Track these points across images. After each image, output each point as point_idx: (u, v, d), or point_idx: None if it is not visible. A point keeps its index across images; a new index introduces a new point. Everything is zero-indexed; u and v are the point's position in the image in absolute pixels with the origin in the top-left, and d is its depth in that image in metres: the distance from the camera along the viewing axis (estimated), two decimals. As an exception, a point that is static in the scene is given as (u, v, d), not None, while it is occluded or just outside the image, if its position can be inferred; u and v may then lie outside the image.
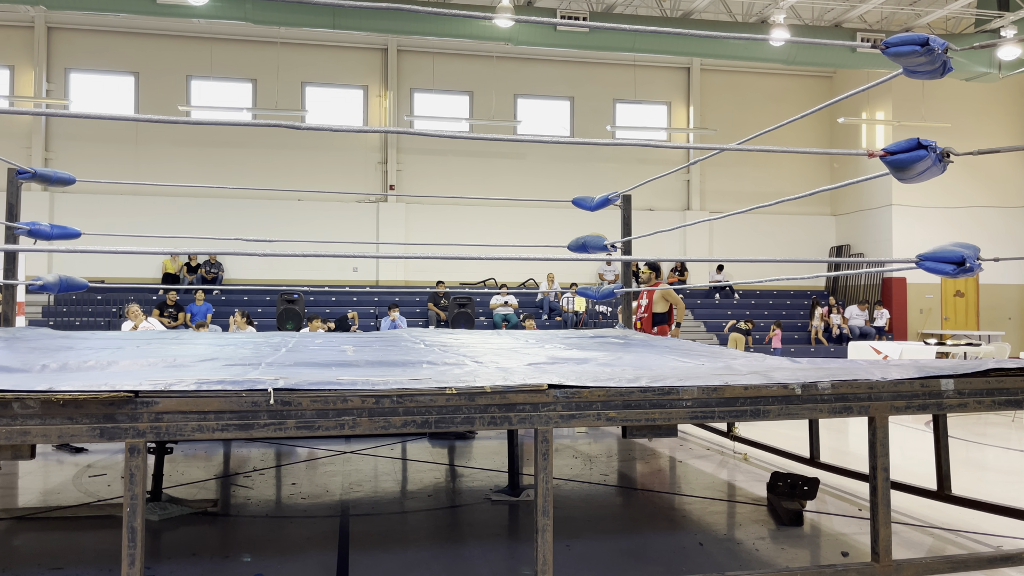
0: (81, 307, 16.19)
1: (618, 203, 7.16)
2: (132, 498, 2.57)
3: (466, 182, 19.56)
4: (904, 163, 3.45)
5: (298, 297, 15.19)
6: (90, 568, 3.48)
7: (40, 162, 17.71)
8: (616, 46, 17.17)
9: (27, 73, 18.24)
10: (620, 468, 5.92)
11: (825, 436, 5.85)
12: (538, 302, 18.67)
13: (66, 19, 18.14)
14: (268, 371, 3.18)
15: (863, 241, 20.45)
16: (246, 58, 19.03)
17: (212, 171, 18.47)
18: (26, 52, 18.20)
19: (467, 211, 19.62)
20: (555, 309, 18.05)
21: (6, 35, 18.12)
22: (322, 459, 6.07)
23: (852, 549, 3.87)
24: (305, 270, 18.78)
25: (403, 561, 3.67)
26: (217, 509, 4.53)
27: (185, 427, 2.62)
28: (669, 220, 19.54)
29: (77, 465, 5.75)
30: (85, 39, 18.50)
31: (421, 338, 5.93)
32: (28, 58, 18.20)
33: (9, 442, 2.48)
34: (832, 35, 17.30)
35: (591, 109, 20.60)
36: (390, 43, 19.52)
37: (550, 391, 2.91)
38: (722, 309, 19.48)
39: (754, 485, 5.24)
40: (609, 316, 17.35)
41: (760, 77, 21.38)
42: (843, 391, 3.17)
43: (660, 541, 4.03)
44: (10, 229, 6.01)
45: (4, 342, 4.80)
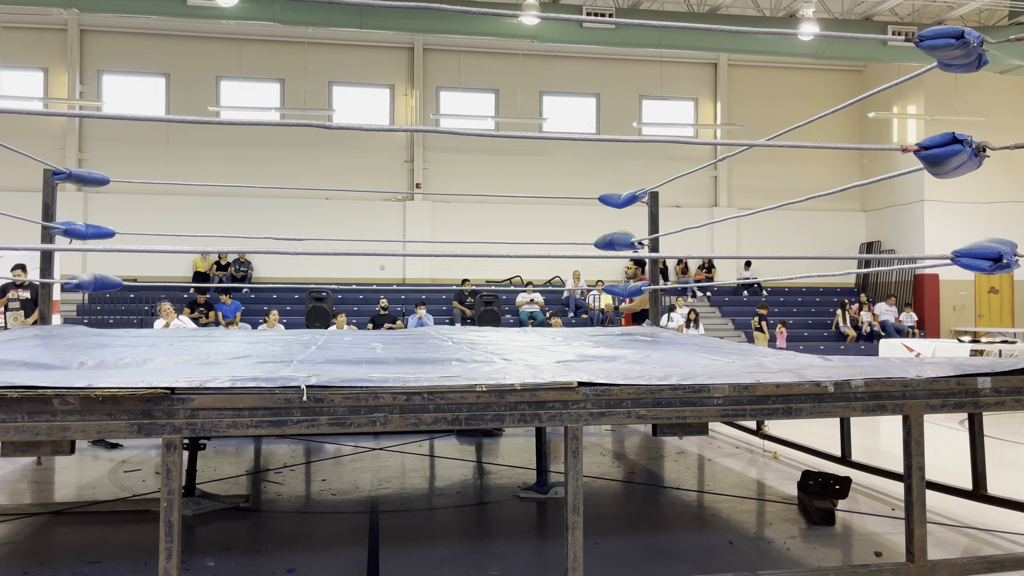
0: (114, 305, 16.45)
1: (645, 200, 7.13)
2: (169, 493, 2.61)
3: (492, 180, 19.59)
4: (939, 158, 3.40)
5: (326, 295, 15.31)
6: (126, 562, 3.54)
7: (74, 163, 18.02)
8: (642, 42, 17.08)
9: (61, 75, 18.55)
10: (648, 466, 5.90)
11: (856, 434, 5.79)
12: (564, 300, 18.65)
13: (98, 21, 18.42)
14: (300, 368, 3.21)
15: (894, 237, 20.17)
16: (274, 58, 19.21)
17: (241, 170, 18.67)
18: (60, 54, 18.52)
19: (493, 209, 19.65)
20: (581, 307, 18.02)
21: (40, 37, 18.45)
22: (351, 455, 6.11)
23: (885, 549, 3.83)
24: (333, 268, 18.92)
25: (432, 557, 3.69)
26: (249, 505, 4.58)
27: (220, 423, 2.65)
28: (696, 217, 19.42)
29: (112, 460, 5.85)
30: (117, 41, 18.78)
31: (448, 336, 5.95)
32: (62, 60, 18.52)
33: (50, 438, 2.53)
34: (863, 28, 17.07)
35: (617, 106, 20.52)
36: (416, 42, 19.59)
37: (580, 389, 2.91)
38: (750, 306, 19.31)
39: (784, 484, 5.19)
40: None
41: (788, 72, 21.16)
42: (877, 389, 3.14)
43: (689, 539, 4.01)
44: (46, 229, 6.12)
45: (42, 340, 4.90)
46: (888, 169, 19.30)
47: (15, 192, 16.59)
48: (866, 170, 20.89)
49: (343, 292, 17.74)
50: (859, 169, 21.13)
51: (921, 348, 12.99)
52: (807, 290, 20.60)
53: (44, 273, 6.39)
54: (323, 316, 14.58)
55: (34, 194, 7.25)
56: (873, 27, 17.09)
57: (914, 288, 19.59)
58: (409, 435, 6.87)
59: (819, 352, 10.19)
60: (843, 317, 18.07)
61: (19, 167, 16.07)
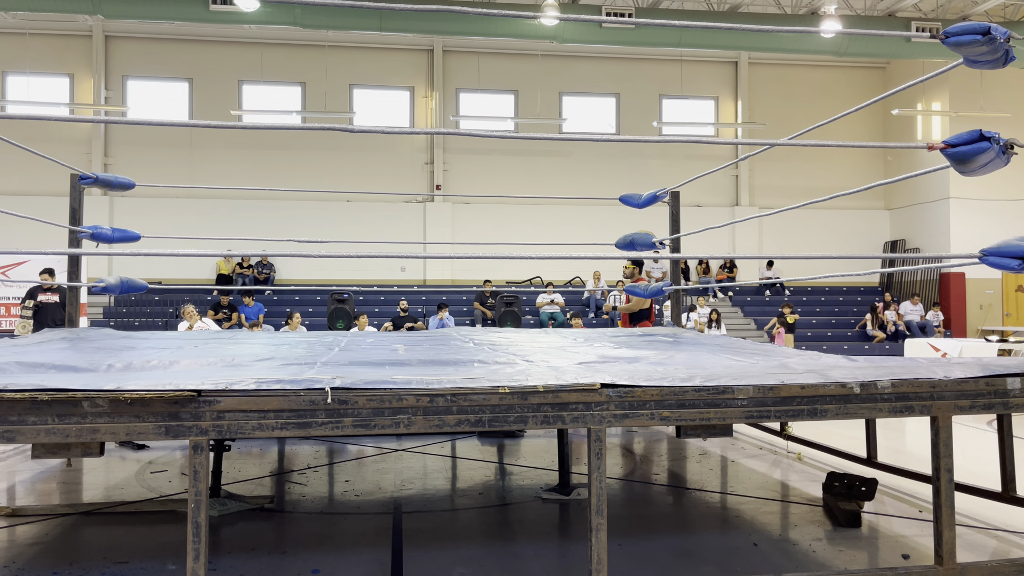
0: (140, 308, 16.65)
1: (666, 200, 7.10)
2: (196, 494, 2.64)
3: (512, 181, 19.61)
4: (966, 155, 3.36)
5: (348, 297, 15.40)
6: (154, 561, 3.58)
7: (100, 167, 18.27)
8: (662, 41, 17.02)
9: (86, 81, 18.81)
10: (671, 467, 5.88)
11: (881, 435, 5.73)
12: (584, 300, 18.62)
13: (123, 27, 18.66)
14: (324, 370, 3.23)
15: (919, 235, 19.95)
16: (295, 62, 19.36)
17: (263, 173, 18.83)
18: (85, 60, 18.78)
19: (513, 210, 19.67)
20: (602, 307, 17.98)
21: (66, 44, 18.72)
22: (374, 456, 6.14)
23: (913, 552, 3.78)
24: (354, 270, 19.03)
25: (456, 557, 3.70)
26: (273, 505, 4.62)
27: (246, 425, 2.68)
28: (717, 216, 19.33)
29: (139, 461, 5.92)
30: (141, 47, 19.02)
31: (470, 337, 5.96)
32: (87, 66, 18.78)
33: (80, 439, 2.57)
34: (886, 25, 16.90)
35: (637, 105, 20.46)
36: (436, 44, 19.66)
37: (603, 390, 2.90)
38: (772, 306, 19.18)
39: (809, 485, 5.15)
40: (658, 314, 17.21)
41: (810, 70, 21.00)
42: (904, 390, 3.10)
43: (713, 541, 3.99)
44: (74, 233, 6.21)
45: (70, 342, 4.97)
46: (912, 167, 19.10)
47: (43, 196, 16.85)
48: (890, 168, 20.67)
49: (364, 293, 17.84)
50: (883, 167, 20.91)
51: (948, 348, 12.84)
52: (830, 289, 20.43)
53: (72, 276, 6.48)
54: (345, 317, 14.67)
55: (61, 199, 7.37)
56: (896, 23, 16.91)
57: (940, 287, 19.35)
58: (431, 436, 6.89)
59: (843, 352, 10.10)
60: (872, 319, 17.86)
61: (47, 172, 16.31)
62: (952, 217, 18.77)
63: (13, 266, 13.76)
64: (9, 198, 16.62)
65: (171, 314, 15.95)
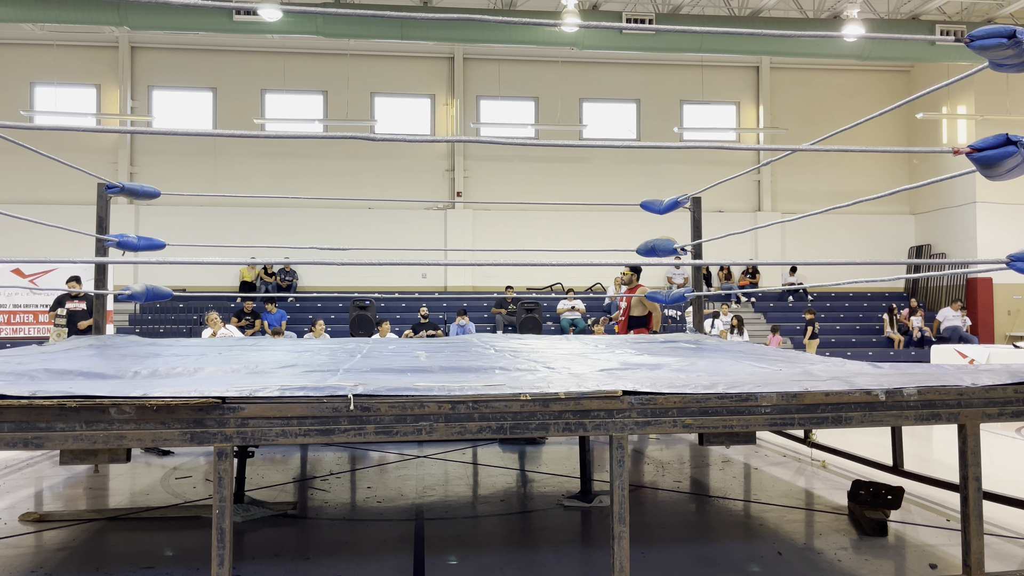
0: (164, 315, 16.84)
1: (687, 206, 7.08)
2: (220, 500, 2.66)
3: (532, 187, 19.63)
4: (993, 160, 3.32)
5: (370, 303, 15.48)
6: (179, 567, 3.61)
7: (126, 176, 18.52)
8: (683, 47, 16.99)
9: (113, 91, 19.10)
10: (693, 474, 5.84)
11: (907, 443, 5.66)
12: (605, 307, 18.57)
13: (148, 38, 18.93)
14: (346, 377, 3.25)
15: (945, 240, 19.71)
16: (317, 71, 19.53)
17: (286, 181, 19.00)
18: (111, 71, 19.07)
19: (533, 216, 19.68)
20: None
21: (92, 55, 19.03)
22: (396, 463, 6.16)
23: (941, 561, 3.73)
24: (375, 276, 19.13)
25: (478, 565, 3.70)
26: (296, 512, 4.64)
27: (269, 432, 2.70)
28: (739, 222, 19.21)
29: (164, 467, 5.98)
30: (166, 57, 19.28)
31: (491, 343, 5.97)
32: (113, 77, 19.07)
33: (107, 446, 2.60)
34: (910, 28, 16.74)
35: (658, 111, 20.42)
36: (456, 52, 19.75)
37: (625, 397, 2.89)
38: (795, 312, 19.02)
39: (834, 493, 5.09)
40: (678, 320, 17.14)
41: (833, 74, 20.85)
42: (931, 397, 3.06)
43: (736, 549, 3.96)
44: (100, 241, 6.30)
45: (96, 350, 5.03)
46: (938, 171, 18.89)
47: (71, 206, 17.11)
48: (915, 172, 20.46)
49: (386, 300, 17.92)
50: (908, 171, 20.70)
51: (975, 354, 12.66)
52: (854, 295, 20.22)
53: (98, 284, 6.57)
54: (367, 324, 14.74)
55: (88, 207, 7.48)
56: (920, 27, 16.75)
57: (967, 292, 19.09)
58: (452, 443, 6.89)
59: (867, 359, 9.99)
60: (890, 322, 17.66)
61: (74, 182, 16.57)
62: (979, 221, 18.52)
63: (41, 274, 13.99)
64: (38, 207, 16.89)
65: (195, 321, 16.11)
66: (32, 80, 18.85)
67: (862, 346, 17.33)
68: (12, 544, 3.98)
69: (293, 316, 16.65)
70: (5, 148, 16.69)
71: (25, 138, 15.15)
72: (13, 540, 4.05)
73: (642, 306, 8.50)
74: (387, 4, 16.77)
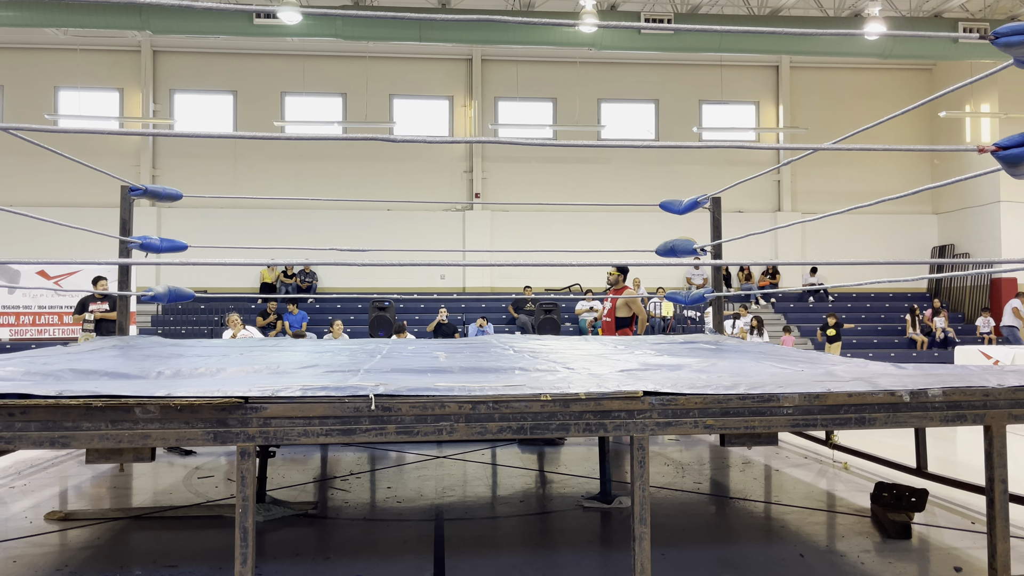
0: (186, 316, 16.99)
1: (707, 206, 7.04)
2: (243, 499, 2.68)
3: (551, 188, 19.63)
4: (1018, 158, 3.28)
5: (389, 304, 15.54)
6: (202, 566, 3.64)
7: (148, 179, 18.72)
8: (702, 47, 16.92)
9: (135, 95, 19.31)
10: (713, 476, 5.81)
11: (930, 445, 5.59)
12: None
13: (170, 42, 19.12)
14: (367, 377, 3.27)
15: (968, 240, 19.48)
16: (336, 73, 19.64)
17: (305, 183, 19.12)
18: (134, 75, 19.28)
19: (552, 217, 19.67)
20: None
21: (115, 59, 19.25)
22: (415, 463, 6.18)
23: (966, 564, 3.69)
24: (394, 278, 19.20)
25: (497, 565, 3.70)
26: (317, 511, 4.67)
27: (291, 432, 2.72)
28: (759, 222, 19.09)
29: (186, 467, 6.03)
30: (187, 61, 19.47)
31: (510, 344, 5.97)
32: (136, 81, 19.28)
33: (132, 445, 2.63)
34: (932, 26, 16.58)
35: (676, 111, 20.35)
36: (474, 53, 19.79)
37: (646, 398, 2.88)
38: (816, 313, 18.87)
39: (856, 496, 5.05)
40: (697, 321, 17.06)
41: (853, 72, 20.67)
42: (956, 398, 3.03)
43: (757, 551, 3.93)
44: (124, 243, 6.37)
45: (120, 350, 5.09)
46: (961, 170, 18.67)
47: (94, 208, 17.31)
48: (937, 171, 20.24)
49: (405, 301, 17.98)
50: (930, 170, 20.48)
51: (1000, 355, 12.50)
52: (876, 296, 20.04)
53: (122, 286, 6.64)
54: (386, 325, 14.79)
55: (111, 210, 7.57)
56: (943, 24, 16.58)
57: (990, 293, 18.86)
58: (472, 443, 6.90)
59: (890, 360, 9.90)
60: (912, 323, 17.47)
61: (98, 185, 16.78)
62: (1003, 221, 18.29)
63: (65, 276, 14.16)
64: (62, 210, 17.11)
65: (216, 322, 16.25)
66: (56, 84, 19.10)
67: (884, 347, 17.17)
68: (37, 543, 4.03)
69: (313, 317, 16.75)
70: (31, 152, 16.92)
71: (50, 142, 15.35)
72: (38, 539, 4.10)
73: (627, 307, 8.53)
74: (405, 6, 16.83)
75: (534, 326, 16.19)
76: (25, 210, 5.42)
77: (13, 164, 18.40)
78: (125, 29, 16.15)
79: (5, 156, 18.30)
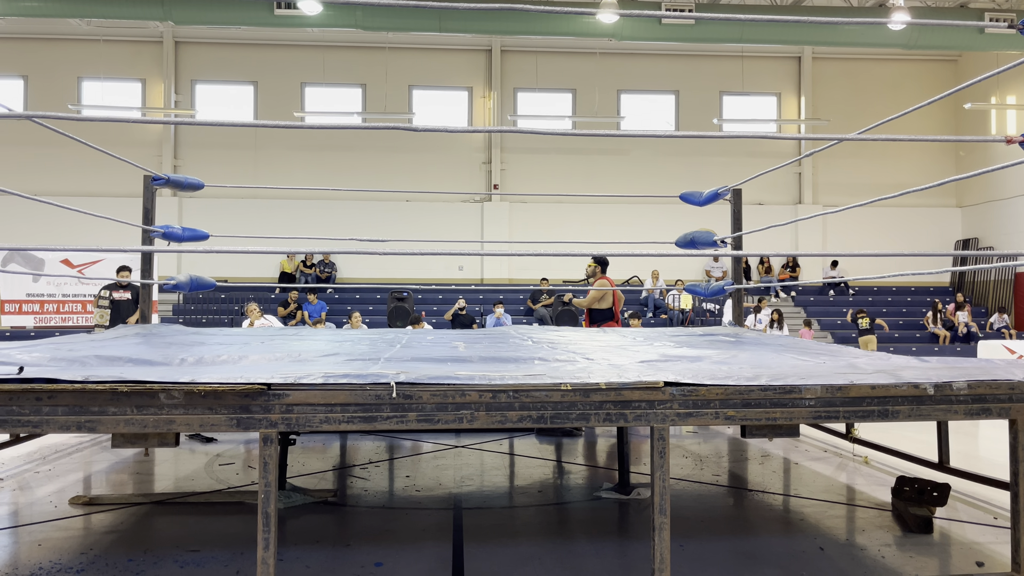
0: (206, 305, 17.14)
1: (727, 198, 7.00)
2: (266, 485, 2.71)
3: (570, 180, 19.58)
4: (1047, 149, 3.23)
5: (408, 295, 15.59)
6: (224, 551, 3.69)
7: (170, 168, 18.87)
8: (723, 37, 16.77)
9: (157, 85, 19.46)
10: (731, 468, 5.79)
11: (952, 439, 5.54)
12: (642, 300, 18.46)
13: (192, 33, 19.23)
14: (388, 366, 3.28)
15: (993, 234, 19.23)
16: (356, 64, 19.67)
17: (325, 174, 19.19)
18: (156, 66, 19.42)
19: (571, 209, 19.63)
20: (660, 307, 17.81)
21: (138, 50, 19.39)
22: (433, 453, 6.21)
23: (988, 559, 3.66)
24: (413, 268, 19.25)
25: (516, 555, 3.71)
26: (336, 499, 4.70)
27: (313, 418, 2.74)
28: (780, 215, 18.95)
29: (207, 454, 6.09)
30: (209, 51, 19.58)
31: (528, 335, 5.98)
32: (158, 71, 19.42)
33: (156, 430, 2.66)
34: (958, 16, 16.33)
35: (697, 102, 20.22)
36: (494, 44, 19.74)
37: (666, 389, 2.88)
38: (836, 306, 18.72)
39: (876, 490, 5.01)
40: (717, 314, 16.98)
41: (877, 63, 20.43)
42: (981, 392, 3.00)
43: (777, 544, 3.92)
44: (146, 232, 6.43)
45: (143, 338, 5.15)
46: (986, 162, 18.42)
47: (117, 198, 17.47)
48: (962, 163, 19.98)
49: (423, 292, 18.03)
50: (954, 163, 20.22)
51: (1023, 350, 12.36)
52: (897, 289, 19.85)
53: (145, 274, 6.71)
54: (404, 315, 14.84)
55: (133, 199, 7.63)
56: (969, 14, 16.33)
57: (1015, 287, 18.63)
58: (490, 433, 6.92)
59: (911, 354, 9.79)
60: (934, 318, 17.28)
61: (121, 174, 16.93)
62: (1029, 215, 18.06)
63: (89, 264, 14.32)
64: (86, 199, 17.28)
65: (236, 312, 16.38)
66: (80, 75, 19.27)
67: (905, 341, 17.01)
68: (62, 527, 4.10)
69: (332, 308, 16.84)
70: (55, 142, 17.10)
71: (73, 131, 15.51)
72: (63, 523, 4.17)
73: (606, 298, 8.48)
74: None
75: (552, 318, 16.17)
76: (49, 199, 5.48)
77: (38, 154, 18.61)
78: (147, 20, 16.25)
79: (31, 146, 18.52)
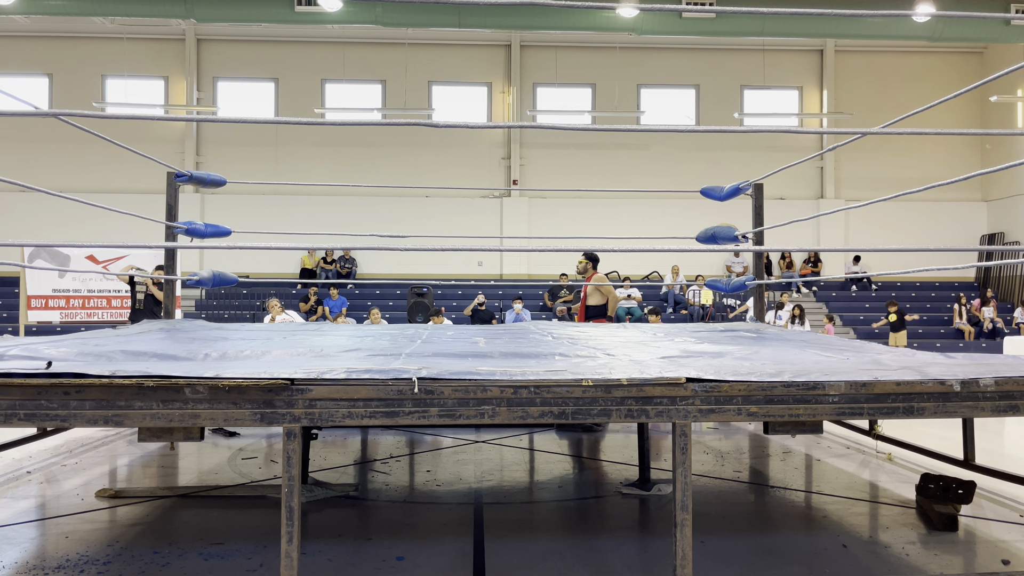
0: (228, 300, 17.28)
1: (749, 192, 6.95)
2: (289, 479, 2.73)
3: (589, 175, 19.52)
4: (1077, 143, 3.18)
5: (427, 290, 15.63)
6: (247, 544, 3.72)
7: (192, 165, 19.04)
8: (744, 31, 16.65)
9: (179, 83, 19.62)
10: (753, 465, 5.76)
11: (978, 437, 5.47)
12: (662, 295, 18.39)
13: (213, 30, 19.37)
14: (409, 361, 3.29)
15: (1020, 228, 18.95)
16: (376, 60, 19.73)
17: (345, 170, 19.27)
18: (178, 63, 19.58)
19: (590, 204, 19.57)
20: (680, 302, 17.73)
21: (160, 48, 19.56)
22: (453, 448, 6.23)
23: (1013, 557, 3.61)
24: (432, 264, 19.30)
25: (536, 549, 3.72)
26: (357, 493, 4.73)
27: (336, 413, 2.76)
28: (801, 210, 18.79)
29: (230, 448, 6.15)
30: (230, 49, 19.71)
31: (548, 331, 5.97)
32: (180, 69, 19.58)
33: (182, 424, 2.69)
34: (984, 7, 16.09)
35: (718, 97, 20.07)
36: (513, 39, 19.71)
37: (688, 385, 2.87)
38: (858, 302, 18.55)
39: (900, 487, 4.97)
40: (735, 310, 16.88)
41: (900, 56, 20.18)
42: (1009, 388, 2.96)
43: (799, 541, 3.90)
44: (170, 228, 6.49)
45: (167, 333, 5.20)
46: (1013, 156, 18.16)
47: (141, 194, 17.65)
48: (988, 157, 19.69)
49: (442, 287, 18.07)
50: (980, 156, 19.94)
51: (1050, 347, 12.18)
52: (921, 285, 19.62)
53: (168, 270, 6.78)
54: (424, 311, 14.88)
55: (156, 196, 7.71)
56: (994, 6, 16.08)
57: (1042, 283, 18.37)
58: (510, 428, 6.93)
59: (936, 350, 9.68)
60: (959, 313, 17.07)
61: (144, 171, 17.10)
62: (1056, 209, 17.79)
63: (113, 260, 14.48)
64: (110, 196, 17.47)
65: (258, 307, 16.50)
66: (103, 73, 19.48)
67: (930, 337, 16.83)
68: (88, 519, 4.16)
69: (352, 303, 16.93)
70: (80, 139, 17.30)
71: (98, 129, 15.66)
72: (90, 515, 4.23)
73: (599, 294, 8.49)
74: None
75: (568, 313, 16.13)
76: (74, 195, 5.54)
77: (63, 151, 18.85)
78: (170, 18, 16.39)
79: (56, 143, 18.75)
